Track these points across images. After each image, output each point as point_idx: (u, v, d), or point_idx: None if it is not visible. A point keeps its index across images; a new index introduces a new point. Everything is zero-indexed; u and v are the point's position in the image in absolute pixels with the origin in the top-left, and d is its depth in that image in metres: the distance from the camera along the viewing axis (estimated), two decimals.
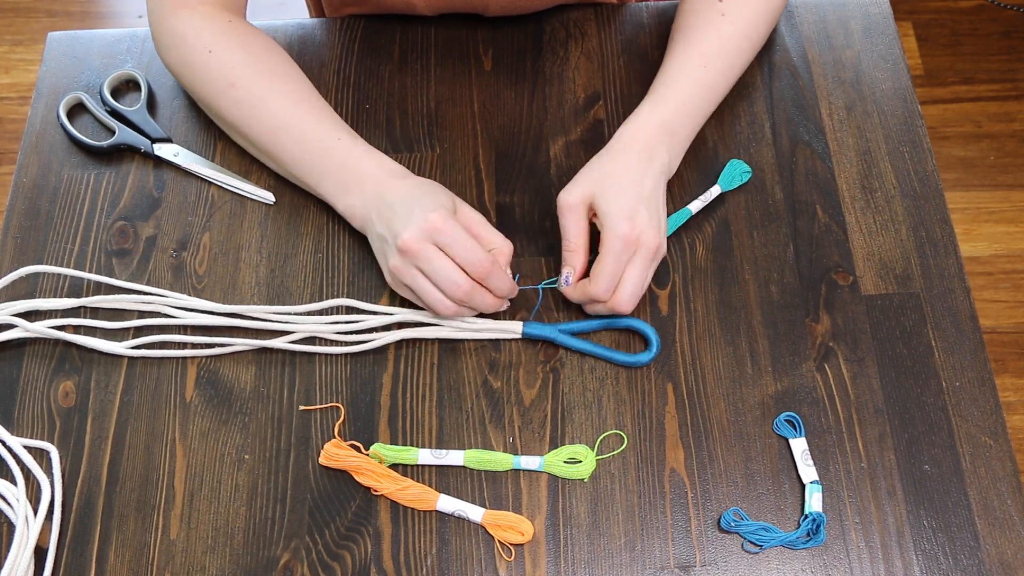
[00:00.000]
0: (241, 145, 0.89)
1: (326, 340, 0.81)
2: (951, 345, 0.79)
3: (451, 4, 0.95)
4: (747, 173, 0.87)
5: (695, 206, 0.85)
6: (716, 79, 0.85)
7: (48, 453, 0.76)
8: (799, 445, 0.75)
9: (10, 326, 0.82)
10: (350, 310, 0.81)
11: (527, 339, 0.80)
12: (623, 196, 0.77)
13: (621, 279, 0.77)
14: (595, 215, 0.79)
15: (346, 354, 0.80)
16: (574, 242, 0.79)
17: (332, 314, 0.81)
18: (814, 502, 0.73)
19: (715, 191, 0.86)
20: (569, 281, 0.79)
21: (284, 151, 0.84)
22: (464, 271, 0.74)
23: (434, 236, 0.74)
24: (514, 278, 0.79)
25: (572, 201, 0.78)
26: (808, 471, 0.74)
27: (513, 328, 0.80)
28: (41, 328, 0.80)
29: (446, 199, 0.78)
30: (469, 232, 0.76)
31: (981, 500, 0.73)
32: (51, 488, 0.75)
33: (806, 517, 0.73)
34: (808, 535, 0.72)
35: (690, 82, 0.84)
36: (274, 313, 0.81)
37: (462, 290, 0.74)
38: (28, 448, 0.77)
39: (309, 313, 0.81)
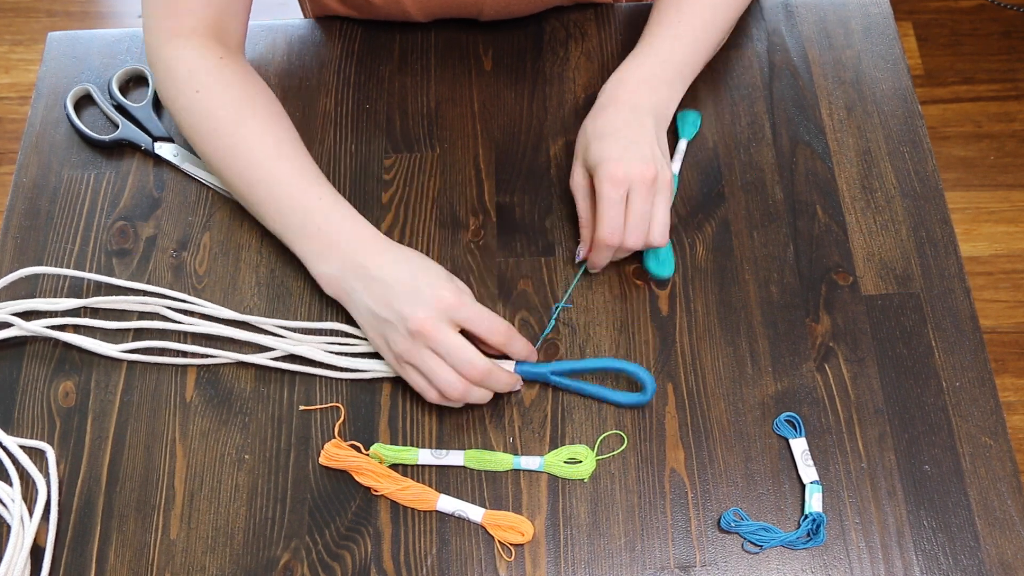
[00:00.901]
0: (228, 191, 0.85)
1: (321, 362, 0.80)
2: (951, 345, 0.79)
3: (445, 9, 0.94)
4: (697, 115, 0.90)
5: (675, 167, 0.87)
6: (697, 29, 0.86)
7: (45, 453, 0.76)
8: (799, 445, 0.75)
9: (8, 325, 0.81)
10: (348, 335, 0.81)
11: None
12: (607, 144, 0.78)
13: (626, 218, 0.77)
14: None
15: (341, 368, 0.80)
16: (585, 217, 0.81)
17: (328, 335, 0.81)
18: (814, 502, 0.73)
19: (682, 145, 0.88)
20: (581, 254, 0.82)
21: (262, 205, 0.80)
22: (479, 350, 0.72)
23: (451, 314, 0.71)
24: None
25: (578, 180, 0.81)
26: (808, 471, 0.74)
27: (506, 367, 0.77)
28: (38, 328, 0.80)
29: (441, 270, 0.75)
30: None
31: (981, 500, 0.73)
32: (47, 488, 0.75)
33: (806, 517, 0.73)
34: (808, 535, 0.72)
35: (668, 36, 0.85)
36: (275, 326, 0.81)
37: (478, 371, 0.71)
38: (24, 448, 0.77)
39: (309, 332, 0.81)
